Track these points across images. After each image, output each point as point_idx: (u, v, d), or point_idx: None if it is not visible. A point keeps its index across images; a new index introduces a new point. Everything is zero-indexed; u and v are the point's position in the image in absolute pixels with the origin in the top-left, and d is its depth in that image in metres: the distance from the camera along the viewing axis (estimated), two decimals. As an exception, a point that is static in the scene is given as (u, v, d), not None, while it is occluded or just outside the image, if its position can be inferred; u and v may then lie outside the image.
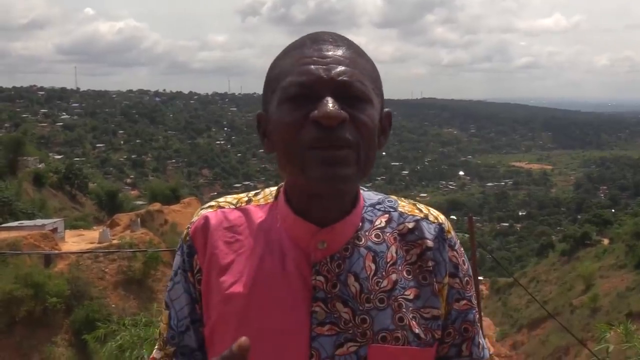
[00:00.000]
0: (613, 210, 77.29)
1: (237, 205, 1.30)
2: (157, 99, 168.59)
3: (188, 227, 1.30)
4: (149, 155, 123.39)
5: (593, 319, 34.98)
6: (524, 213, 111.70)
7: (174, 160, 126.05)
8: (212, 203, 1.33)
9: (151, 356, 1.32)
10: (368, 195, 1.29)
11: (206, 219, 1.28)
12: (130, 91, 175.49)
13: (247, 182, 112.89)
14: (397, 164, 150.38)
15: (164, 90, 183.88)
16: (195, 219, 1.30)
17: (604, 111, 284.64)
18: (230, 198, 1.33)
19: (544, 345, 40.50)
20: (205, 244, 1.26)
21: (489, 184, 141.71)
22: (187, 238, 1.28)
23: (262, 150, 1.29)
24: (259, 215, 1.27)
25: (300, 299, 1.17)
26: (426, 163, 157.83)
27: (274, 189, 1.33)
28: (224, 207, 1.30)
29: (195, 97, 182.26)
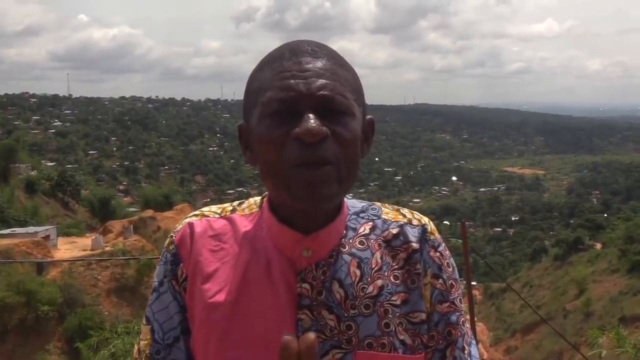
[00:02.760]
0: (605, 215, 77.67)
1: (222, 215, 1.29)
2: (150, 105, 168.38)
3: (171, 236, 1.28)
4: (142, 161, 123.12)
5: (586, 323, 35.08)
6: (516, 218, 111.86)
7: (166, 167, 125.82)
8: (196, 212, 1.31)
9: None
10: (352, 203, 1.28)
11: (191, 226, 1.26)
12: (122, 98, 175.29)
13: (240, 189, 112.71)
14: (390, 169, 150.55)
15: (157, 96, 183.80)
16: (179, 227, 1.28)
17: (596, 116, 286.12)
18: (214, 208, 1.32)
19: (537, 350, 40.54)
20: (189, 251, 1.24)
21: (482, 189, 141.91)
22: (172, 247, 1.26)
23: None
24: (244, 224, 1.26)
25: (285, 306, 1.16)
26: (419, 168, 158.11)
27: (258, 198, 1.32)
28: (208, 216, 1.29)
29: (188, 103, 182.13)
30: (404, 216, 1.28)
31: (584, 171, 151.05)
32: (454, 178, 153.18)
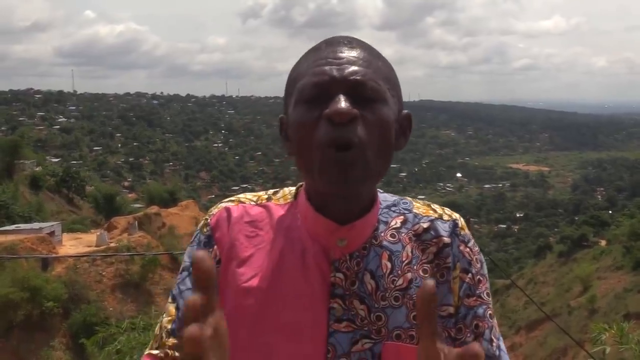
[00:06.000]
0: (610, 212, 77.50)
1: (258, 202, 1.31)
2: (155, 101, 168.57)
3: (207, 218, 1.30)
4: (147, 158, 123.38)
5: (591, 320, 34.98)
6: (521, 215, 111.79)
7: (171, 163, 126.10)
8: (233, 198, 1.33)
9: (144, 355, 1.22)
10: (384, 197, 1.31)
11: (228, 211, 1.29)
12: (127, 94, 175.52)
13: (245, 185, 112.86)
14: (395, 165, 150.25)
15: (162, 92, 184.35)
16: (215, 210, 1.30)
17: (601, 113, 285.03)
18: (250, 195, 1.34)
19: (541, 347, 40.54)
20: (225, 235, 1.26)
21: (487, 186, 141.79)
22: (206, 229, 1.28)
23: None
24: (279, 213, 1.28)
25: (318, 295, 1.18)
26: (424, 165, 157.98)
27: (293, 188, 1.34)
28: (244, 202, 1.31)
29: (193, 99, 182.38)
30: (435, 211, 1.30)
31: (588, 168, 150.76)
32: (459, 174, 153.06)
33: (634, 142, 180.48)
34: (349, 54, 1.15)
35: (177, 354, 1.21)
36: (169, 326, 1.25)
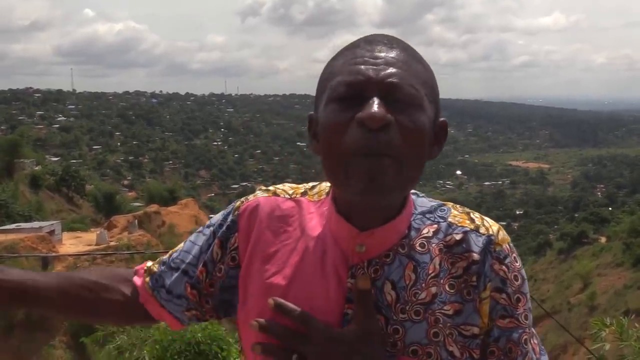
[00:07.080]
0: (610, 209, 77.55)
1: (292, 196, 1.28)
2: (154, 100, 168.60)
3: (242, 201, 1.30)
4: (146, 156, 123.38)
5: (591, 317, 34.98)
6: (521, 212, 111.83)
7: (171, 162, 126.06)
8: (270, 188, 1.32)
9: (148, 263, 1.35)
10: (421, 202, 1.23)
11: (259, 202, 1.28)
12: (127, 93, 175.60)
13: (244, 183, 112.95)
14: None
15: (161, 91, 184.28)
16: (250, 198, 1.30)
17: (601, 109, 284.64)
18: (287, 187, 1.32)
19: (542, 344, 40.51)
20: (249, 227, 1.25)
21: (486, 183, 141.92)
22: (236, 212, 1.28)
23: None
24: (310, 210, 1.25)
25: (334, 299, 1.15)
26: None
27: (329, 184, 1.29)
28: (279, 195, 1.29)
29: (192, 98, 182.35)
30: (472, 221, 1.20)
31: (588, 165, 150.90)
32: (459, 172, 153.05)
33: (633, 138, 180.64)
34: (387, 54, 1.09)
35: (148, 280, 1.31)
36: (167, 257, 1.33)
